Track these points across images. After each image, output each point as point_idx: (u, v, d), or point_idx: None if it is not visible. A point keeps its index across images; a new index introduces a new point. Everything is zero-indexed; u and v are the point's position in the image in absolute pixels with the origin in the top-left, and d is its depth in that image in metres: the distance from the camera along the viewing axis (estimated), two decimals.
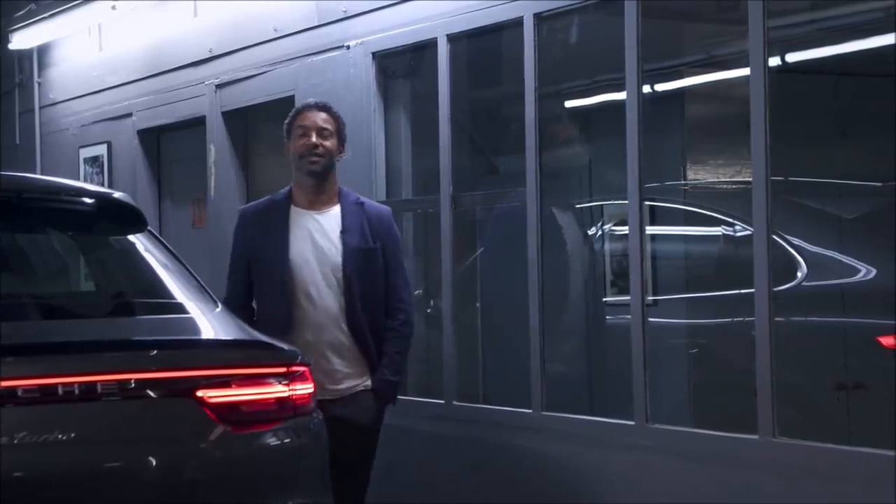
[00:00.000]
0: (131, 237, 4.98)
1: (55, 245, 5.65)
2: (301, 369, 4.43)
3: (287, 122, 5.57)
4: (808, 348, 5.62)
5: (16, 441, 3.91)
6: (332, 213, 5.49)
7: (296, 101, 6.94)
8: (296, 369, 4.41)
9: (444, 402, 6.35)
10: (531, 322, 5.88)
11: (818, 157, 6.39)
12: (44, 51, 10.39)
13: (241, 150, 8.25)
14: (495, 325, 6.83)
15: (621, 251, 6.41)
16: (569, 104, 7.21)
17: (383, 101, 6.92)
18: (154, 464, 4.14)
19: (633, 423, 5.39)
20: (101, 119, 9.63)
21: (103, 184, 9.40)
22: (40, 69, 10.51)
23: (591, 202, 7.04)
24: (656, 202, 6.23)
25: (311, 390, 4.47)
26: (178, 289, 4.76)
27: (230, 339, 4.65)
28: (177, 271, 4.86)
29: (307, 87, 7.15)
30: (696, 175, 6.66)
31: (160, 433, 4.17)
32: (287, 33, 7.51)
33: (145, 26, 8.98)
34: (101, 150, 9.65)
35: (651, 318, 5.46)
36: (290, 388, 4.37)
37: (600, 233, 6.87)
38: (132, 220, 4.99)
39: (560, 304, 6.52)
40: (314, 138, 5.44)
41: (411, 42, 6.63)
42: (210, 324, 4.64)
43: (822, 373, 5.73)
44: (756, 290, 4.87)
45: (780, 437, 4.81)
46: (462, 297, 6.58)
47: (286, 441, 4.38)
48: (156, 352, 4.28)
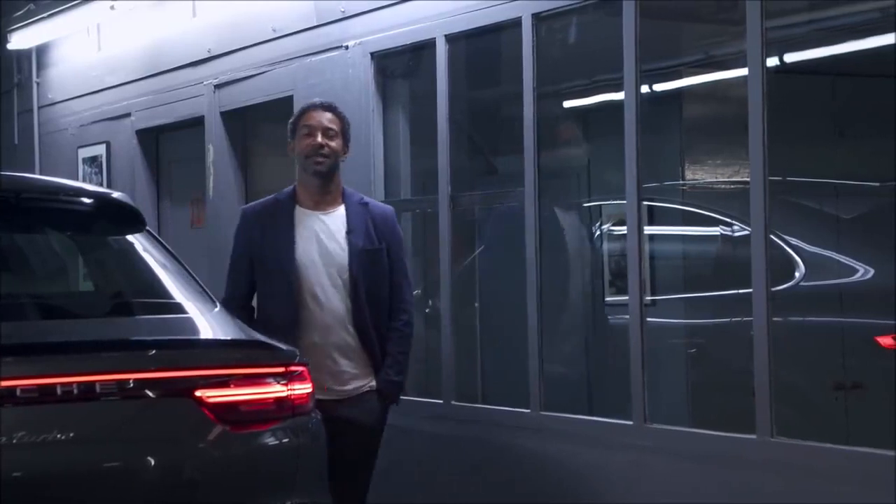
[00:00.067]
0: (130, 237, 4.97)
1: (54, 245, 5.64)
2: (299, 369, 4.43)
3: (292, 121, 5.51)
4: (806, 348, 5.62)
5: (15, 441, 3.91)
6: (337, 213, 5.46)
7: (294, 102, 6.97)
8: (294, 369, 4.41)
9: (442, 402, 6.34)
10: (530, 322, 5.88)
11: (816, 158, 6.39)
12: (42, 51, 10.38)
13: (239, 151, 8.25)
14: (494, 325, 6.83)
15: (620, 251, 6.40)
16: (567, 104, 7.21)
17: (382, 102, 6.91)
18: (153, 463, 4.14)
19: (631, 423, 5.39)
20: (100, 119, 9.61)
21: (102, 184, 9.39)
22: (39, 69, 10.50)
23: (590, 202, 7.04)
24: (654, 202, 6.23)
25: (310, 390, 4.47)
26: (176, 289, 4.76)
27: (229, 338, 4.65)
28: (175, 271, 4.86)
29: (306, 88, 7.14)
30: (695, 175, 6.65)
31: (159, 433, 4.17)
32: (286, 33, 7.50)
33: (144, 26, 8.97)
34: (100, 150, 9.63)
35: (649, 318, 5.47)
36: (289, 387, 4.37)
37: (599, 233, 6.87)
38: (131, 220, 4.98)
39: (558, 304, 6.53)
40: (320, 138, 5.40)
41: (410, 42, 6.63)
42: (208, 324, 4.64)
43: (821, 373, 5.74)
44: (754, 289, 4.87)
45: (779, 436, 4.81)
46: (461, 297, 6.58)
47: (284, 441, 4.38)
48: (154, 352, 4.28)
